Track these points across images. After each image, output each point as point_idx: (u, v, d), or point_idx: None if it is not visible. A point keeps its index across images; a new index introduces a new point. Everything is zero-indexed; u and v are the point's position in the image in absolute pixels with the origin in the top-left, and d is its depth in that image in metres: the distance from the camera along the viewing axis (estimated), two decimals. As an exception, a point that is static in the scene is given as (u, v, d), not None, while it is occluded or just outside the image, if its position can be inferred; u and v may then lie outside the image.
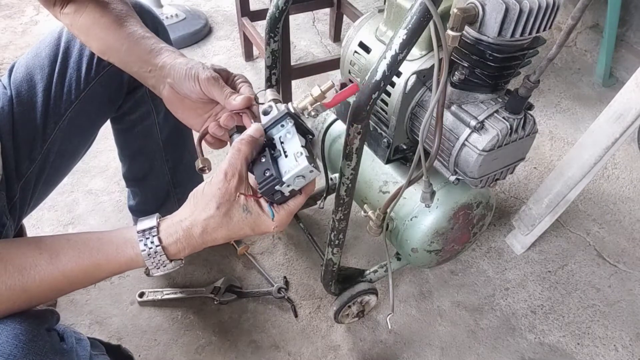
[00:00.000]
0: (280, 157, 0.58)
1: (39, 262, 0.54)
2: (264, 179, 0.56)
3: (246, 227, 0.57)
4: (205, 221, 0.56)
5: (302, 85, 1.83)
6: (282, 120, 0.60)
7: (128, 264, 0.57)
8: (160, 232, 0.57)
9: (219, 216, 0.56)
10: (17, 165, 0.79)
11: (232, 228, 0.57)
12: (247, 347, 1.08)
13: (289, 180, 0.56)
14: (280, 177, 0.55)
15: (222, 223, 0.56)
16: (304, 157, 0.55)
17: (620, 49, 1.95)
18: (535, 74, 0.68)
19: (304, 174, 0.56)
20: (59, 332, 0.58)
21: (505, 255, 1.31)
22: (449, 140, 0.77)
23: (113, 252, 0.57)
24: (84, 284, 0.58)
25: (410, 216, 0.91)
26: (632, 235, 1.38)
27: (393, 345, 1.10)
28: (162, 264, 0.57)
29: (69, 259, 0.56)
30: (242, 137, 0.59)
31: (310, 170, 0.55)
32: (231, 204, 0.56)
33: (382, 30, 0.85)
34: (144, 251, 0.56)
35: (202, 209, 0.56)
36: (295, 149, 0.57)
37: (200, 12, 2.18)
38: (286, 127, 0.60)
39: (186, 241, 0.57)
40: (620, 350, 1.12)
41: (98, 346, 0.75)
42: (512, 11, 0.61)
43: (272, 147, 0.60)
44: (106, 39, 0.73)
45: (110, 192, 1.40)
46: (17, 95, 0.78)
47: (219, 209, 0.56)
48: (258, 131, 0.60)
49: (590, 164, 1.07)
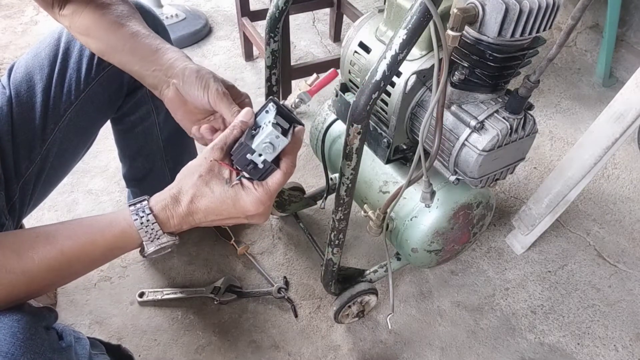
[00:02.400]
0: (257, 131, 0.61)
1: (36, 244, 0.55)
2: (236, 147, 0.59)
3: (227, 201, 0.58)
4: (190, 189, 0.58)
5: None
6: (267, 105, 0.63)
7: (122, 236, 0.58)
8: (150, 201, 0.59)
9: (202, 184, 0.58)
10: (16, 165, 0.79)
11: (214, 200, 0.58)
12: (247, 347, 1.08)
13: (257, 147, 0.57)
14: (250, 144, 0.58)
15: (204, 193, 0.58)
16: (270, 124, 0.57)
17: (620, 49, 1.95)
18: (535, 74, 0.68)
19: (271, 139, 0.57)
20: (57, 331, 0.58)
21: (505, 255, 1.31)
22: (449, 140, 0.77)
23: (106, 225, 0.58)
24: (83, 264, 0.58)
25: (410, 216, 0.91)
26: (632, 235, 1.38)
27: (393, 345, 1.10)
28: (156, 235, 0.58)
29: (65, 237, 0.56)
30: (234, 122, 0.61)
31: (276, 135, 0.57)
32: (213, 175, 0.58)
33: (382, 30, 0.85)
34: (136, 220, 0.57)
35: (187, 177, 0.59)
36: (266, 122, 0.60)
37: (200, 12, 2.18)
38: (270, 112, 0.62)
39: (173, 208, 0.58)
40: (621, 350, 1.12)
41: (98, 346, 0.75)
42: (512, 11, 0.61)
43: (255, 129, 0.63)
44: (106, 38, 0.73)
45: (110, 192, 1.40)
46: (16, 96, 0.78)
47: (201, 177, 0.58)
48: (248, 114, 0.62)
49: (590, 164, 1.07)
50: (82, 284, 1.17)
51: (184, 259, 1.24)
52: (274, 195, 0.61)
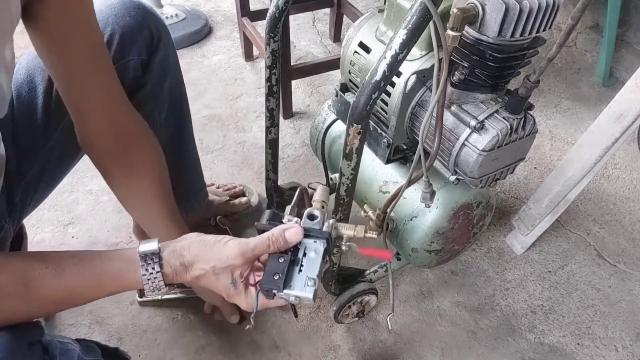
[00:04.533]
0: (295, 268, 0.60)
1: (44, 276, 0.55)
2: (271, 279, 0.59)
3: (224, 292, 0.62)
4: (200, 270, 0.60)
5: (302, 85, 1.83)
6: (320, 238, 0.62)
7: (128, 286, 0.60)
8: (162, 258, 0.60)
9: (211, 273, 0.60)
10: (19, 166, 0.79)
11: (213, 285, 0.61)
12: (247, 347, 1.08)
13: (287, 294, 0.59)
14: (284, 287, 0.59)
15: (210, 278, 0.60)
16: (313, 289, 0.59)
17: (620, 49, 1.95)
18: (535, 74, 0.68)
19: (302, 299, 0.59)
20: (43, 345, 0.57)
21: (505, 255, 1.31)
22: (449, 140, 0.77)
23: (115, 275, 0.59)
24: (85, 301, 0.60)
25: (410, 216, 0.91)
26: (632, 235, 1.38)
27: (393, 345, 1.10)
28: (158, 288, 0.60)
29: (74, 275, 0.57)
30: (279, 234, 0.60)
31: (308, 300, 0.59)
32: (226, 273, 0.60)
33: (382, 30, 0.85)
34: (144, 275, 0.59)
35: (203, 261, 0.60)
36: (311, 273, 0.60)
37: (200, 12, 2.18)
38: (317, 244, 0.62)
39: (180, 273, 0.61)
40: (621, 351, 1.12)
41: (94, 350, 0.74)
42: (512, 11, 0.61)
43: (295, 252, 0.62)
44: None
45: (110, 192, 1.37)
46: (17, 97, 0.78)
47: (214, 269, 0.60)
48: (296, 236, 0.61)
49: (590, 164, 1.07)
50: (82, 284, 1.17)
51: (184, 259, 1.24)
52: (266, 307, 0.64)
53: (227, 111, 1.71)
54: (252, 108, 1.73)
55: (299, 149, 1.57)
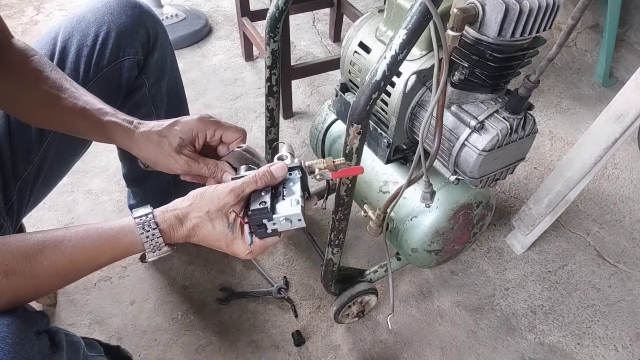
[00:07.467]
0: (279, 197, 0.63)
1: (44, 249, 0.55)
2: (258, 208, 0.61)
3: (222, 240, 0.62)
4: (195, 218, 0.60)
5: (302, 85, 1.84)
6: (294, 169, 0.66)
7: (128, 247, 0.60)
8: (156, 216, 0.60)
9: (206, 219, 0.60)
10: (14, 166, 0.79)
11: (211, 234, 0.61)
12: (247, 347, 1.08)
13: (277, 219, 0.61)
14: (273, 213, 0.61)
15: (206, 226, 0.61)
16: (299, 206, 0.61)
17: (620, 49, 1.95)
18: (535, 74, 0.68)
19: (292, 219, 0.61)
20: (50, 335, 0.57)
21: (505, 255, 1.31)
22: (449, 140, 0.77)
23: (114, 237, 0.60)
24: (89, 269, 0.60)
25: (410, 216, 0.91)
26: (632, 235, 1.38)
27: (393, 345, 1.10)
28: (158, 247, 0.61)
29: (73, 245, 0.57)
30: (265, 170, 0.63)
31: (298, 218, 0.61)
32: (220, 214, 0.60)
33: (382, 30, 0.85)
34: (142, 234, 0.59)
35: (197, 208, 0.61)
36: (294, 197, 0.63)
37: (200, 12, 2.18)
38: (293, 176, 0.65)
39: (176, 228, 0.61)
40: (621, 351, 1.12)
41: (96, 347, 0.74)
42: (512, 11, 0.61)
43: (275, 187, 0.64)
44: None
45: (110, 192, 1.40)
46: None
47: (208, 212, 0.60)
48: (281, 170, 0.64)
49: (590, 164, 1.07)
50: (82, 284, 1.17)
51: (184, 259, 1.24)
52: (264, 250, 0.65)
53: (227, 111, 1.71)
54: (252, 108, 1.73)
55: (299, 149, 1.57)
